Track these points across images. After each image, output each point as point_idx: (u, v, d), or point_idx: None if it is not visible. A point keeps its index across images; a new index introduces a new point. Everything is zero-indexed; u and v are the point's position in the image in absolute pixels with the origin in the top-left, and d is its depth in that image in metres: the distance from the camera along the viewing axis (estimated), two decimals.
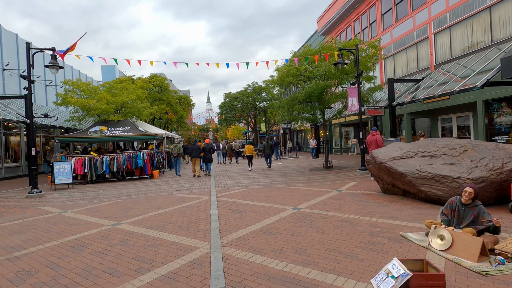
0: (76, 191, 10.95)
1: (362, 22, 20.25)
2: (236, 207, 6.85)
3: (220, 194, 8.57)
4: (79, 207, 7.94)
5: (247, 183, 10.72)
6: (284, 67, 12.92)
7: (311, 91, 11.89)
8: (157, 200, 8.18)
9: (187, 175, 14.62)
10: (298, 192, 8.50)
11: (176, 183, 11.82)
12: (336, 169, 13.52)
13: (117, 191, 10.43)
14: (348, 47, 12.08)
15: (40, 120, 13.84)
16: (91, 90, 15.51)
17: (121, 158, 13.52)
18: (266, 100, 36.65)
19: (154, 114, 22.89)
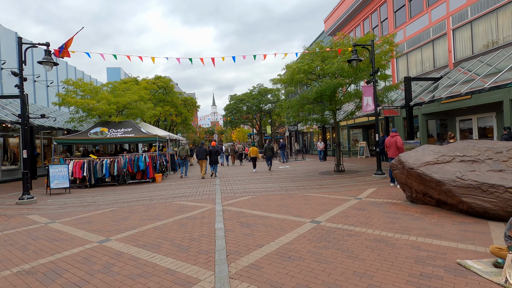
0: (72, 197, 10.19)
1: (372, 21, 19.31)
2: (244, 219, 5.97)
3: (226, 202, 7.71)
4: (70, 216, 7.16)
5: (255, 188, 9.85)
6: (294, 64, 12.04)
7: (323, 89, 10.99)
8: (155, 209, 7.35)
9: (192, 178, 13.82)
10: (313, 200, 7.59)
11: (179, 188, 11.00)
12: (349, 173, 12.56)
13: (115, 197, 9.65)
14: (362, 43, 11.16)
15: (36, 121, 13.18)
16: (92, 90, 14.83)
17: (122, 161, 12.76)
18: (272, 102, 35.82)
19: (158, 116, 22.21)
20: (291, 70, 11.77)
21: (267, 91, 35.24)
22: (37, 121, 13.55)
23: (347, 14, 21.25)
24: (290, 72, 11.95)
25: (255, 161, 16.02)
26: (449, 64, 13.05)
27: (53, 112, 17.18)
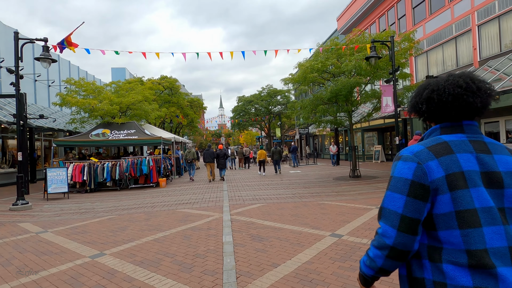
0: (70, 202, 9.63)
1: (388, 18, 18.53)
2: (256, 232, 5.26)
3: (234, 211, 7.00)
4: (64, 224, 6.54)
5: (266, 195, 9.13)
6: (307, 63, 11.34)
7: (338, 89, 10.26)
8: (157, 218, 6.69)
9: (199, 182, 13.18)
10: (330, 209, 6.84)
11: (184, 194, 10.35)
12: (366, 179, 11.75)
13: (115, 203, 9.04)
14: (381, 40, 10.41)
15: (35, 121, 12.74)
16: (94, 90, 14.36)
17: (124, 165, 12.19)
18: (281, 104, 35.10)
19: (164, 117, 21.71)
20: (304, 68, 11.07)
21: (277, 92, 34.51)
22: (36, 122, 13.09)
23: (361, 11, 20.50)
24: (302, 71, 11.25)
25: (263, 164, 15.84)
26: (474, 63, 12.18)
27: (55, 113, 16.77)
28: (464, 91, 1.01)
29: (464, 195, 0.93)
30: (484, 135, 1.05)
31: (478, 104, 1.01)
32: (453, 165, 0.95)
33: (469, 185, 0.93)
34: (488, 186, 0.95)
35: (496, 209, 0.93)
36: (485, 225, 0.91)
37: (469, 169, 0.95)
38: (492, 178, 0.96)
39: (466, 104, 1.01)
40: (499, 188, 0.95)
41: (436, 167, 0.96)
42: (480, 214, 0.92)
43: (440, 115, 1.06)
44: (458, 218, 0.93)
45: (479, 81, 1.04)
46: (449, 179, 0.94)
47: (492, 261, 0.88)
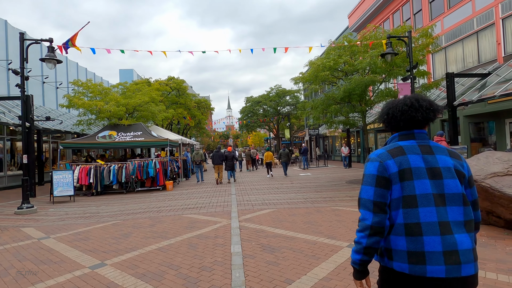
0: (75, 206, 9.43)
1: (403, 14, 17.92)
2: (266, 241, 4.88)
3: (243, 217, 6.64)
4: (68, 230, 6.30)
5: (276, 200, 8.74)
6: (318, 60, 10.91)
7: (352, 88, 9.79)
8: (163, 224, 6.38)
9: (206, 185, 12.88)
10: (345, 215, 6.41)
11: (190, 197, 10.05)
12: None
13: (120, 207, 8.79)
14: (397, 35, 9.91)
15: (41, 123, 12.65)
16: (101, 91, 14.23)
17: (130, 167, 11.98)
18: (290, 105, 34.62)
19: (171, 119, 21.54)
20: (315, 66, 10.65)
21: (286, 93, 34.04)
22: (43, 124, 12.99)
23: (374, 7, 19.93)
24: (313, 69, 10.83)
25: (270, 166, 15.82)
26: (498, 59, 11.52)
27: (63, 115, 16.75)
28: (409, 108, 1.36)
29: (409, 184, 1.26)
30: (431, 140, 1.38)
31: (419, 117, 1.34)
32: (404, 163, 1.29)
33: (414, 178, 1.26)
34: (431, 178, 1.28)
35: (433, 195, 1.25)
36: (420, 206, 1.24)
37: (416, 166, 1.28)
38: (434, 172, 1.28)
39: (410, 118, 1.35)
40: (440, 179, 1.28)
41: (392, 165, 1.30)
42: (418, 198, 1.24)
43: (396, 125, 1.41)
44: (403, 201, 1.27)
45: (423, 100, 1.37)
46: (401, 173, 1.28)
47: (422, 231, 1.21)
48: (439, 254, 1.21)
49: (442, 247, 1.21)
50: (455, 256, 1.21)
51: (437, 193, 1.27)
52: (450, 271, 1.20)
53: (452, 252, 1.21)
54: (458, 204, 1.28)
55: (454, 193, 1.28)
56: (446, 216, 1.25)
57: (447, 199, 1.28)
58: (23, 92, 8.40)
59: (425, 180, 1.27)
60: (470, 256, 1.24)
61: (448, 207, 1.27)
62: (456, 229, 1.25)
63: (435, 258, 1.20)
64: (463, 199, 1.30)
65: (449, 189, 1.28)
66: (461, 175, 1.34)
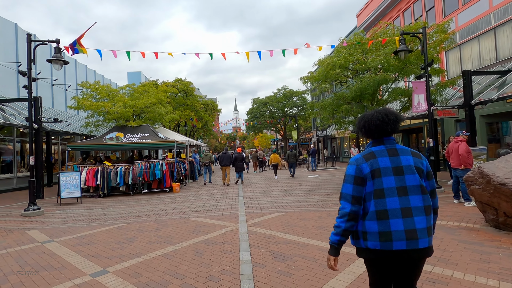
0: (82, 208, 9.33)
1: (414, 11, 17.44)
2: (277, 248, 4.60)
3: (251, 221, 6.38)
4: (72, 233, 6.14)
5: (285, 202, 8.45)
6: (328, 59, 10.59)
7: (364, 87, 9.45)
8: (168, 228, 6.16)
9: (213, 186, 12.66)
10: None
11: (197, 199, 9.84)
12: None
13: (126, 209, 8.63)
14: (411, 31, 9.54)
15: (50, 125, 12.65)
16: (109, 93, 14.20)
17: (137, 169, 11.86)
18: (298, 106, 34.27)
19: (178, 120, 21.46)
20: (325, 65, 10.34)
21: (293, 94, 33.71)
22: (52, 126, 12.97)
23: (384, 5, 19.49)
24: (323, 68, 10.52)
25: (277, 168, 15.93)
26: None
27: (71, 117, 16.79)
28: (381, 122, 1.76)
29: (379, 181, 1.68)
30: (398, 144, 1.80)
31: (389, 129, 1.77)
32: (375, 165, 1.71)
33: (382, 175, 1.68)
34: (396, 174, 1.69)
35: (396, 188, 1.67)
36: (387, 197, 1.66)
37: (383, 166, 1.70)
38: (398, 169, 1.70)
39: (382, 129, 1.77)
40: (402, 175, 1.69)
41: (366, 167, 1.71)
42: (385, 191, 1.66)
43: (370, 135, 1.83)
44: (374, 193, 1.68)
45: (391, 114, 1.78)
46: (372, 173, 1.70)
47: (388, 216, 1.63)
48: (401, 232, 1.62)
49: (403, 226, 1.61)
50: (414, 233, 1.62)
51: (400, 186, 1.67)
52: (410, 244, 1.62)
53: (411, 231, 1.62)
54: (417, 193, 1.68)
55: (413, 185, 1.68)
56: (408, 203, 1.65)
57: (408, 190, 1.67)
58: (30, 94, 8.34)
59: (391, 176, 1.68)
60: (425, 233, 1.65)
61: (410, 196, 1.66)
62: (416, 213, 1.64)
63: (398, 235, 1.61)
64: (421, 189, 1.69)
65: (409, 182, 1.68)
66: (420, 170, 1.74)
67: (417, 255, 1.65)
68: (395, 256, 1.65)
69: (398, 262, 1.70)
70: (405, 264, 1.71)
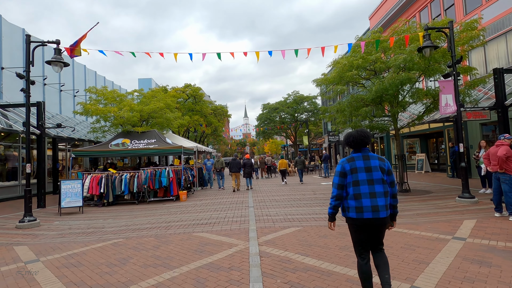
0: (82, 218, 8.76)
1: (432, 10, 16.51)
2: (296, 277, 3.81)
3: (263, 238, 5.59)
4: (63, 250, 5.51)
5: (300, 214, 7.63)
6: (344, 59, 9.81)
7: (385, 88, 8.61)
8: (168, 245, 5.45)
9: (222, 194, 11.95)
10: (389, 238, 5.22)
11: (204, 210, 9.13)
12: (417, 195, 9.86)
13: (128, 221, 8.00)
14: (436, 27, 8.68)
15: (53, 131, 12.27)
16: (116, 98, 13.79)
17: (142, 176, 11.28)
18: (308, 111, 33.41)
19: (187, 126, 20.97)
20: (340, 66, 9.56)
21: (303, 99, 32.90)
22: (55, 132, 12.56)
23: (399, 6, 18.63)
24: (339, 69, 9.74)
25: (285, 174, 16.25)
26: None
27: (80, 123, 16.50)
28: (362, 139, 2.72)
29: (355, 175, 2.64)
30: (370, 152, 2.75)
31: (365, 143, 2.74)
32: (353, 165, 2.66)
33: (358, 172, 2.64)
34: (367, 172, 2.64)
35: (367, 180, 2.63)
36: (361, 185, 2.62)
37: (359, 166, 2.64)
38: (368, 168, 2.63)
39: (362, 143, 2.73)
40: (371, 172, 2.63)
41: (347, 166, 2.67)
42: (359, 182, 2.62)
43: (354, 146, 2.77)
44: (352, 183, 2.65)
45: (365, 133, 2.76)
46: (351, 170, 2.66)
47: (361, 197, 2.61)
48: (369, 207, 2.62)
49: (370, 203, 2.63)
50: (376, 208, 2.62)
51: (369, 179, 2.68)
52: (374, 214, 2.62)
53: (375, 206, 2.62)
54: (380, 183, 2.68)
55: (377, 178, 2.68)
56: (374, 189, 2.66)
57: (374, 181, 2.68)
58: (28, 97, 7.88)
59: (363, 173, 2.69)
60: (384, 208, 2.65)
61: (375, 185, 2.67)
62: (379, 195, 2.66)
63: (367, 209, 2.62)
64: (382, 181, 2.69)
65: (375, 176, 2.68)
66: (383, 169, 2.72)
67: (379, 222, 2.66)
68: (365, 222, 2.66)
69: (367, 225, 2.68)
70: (371, 227, 2.69)
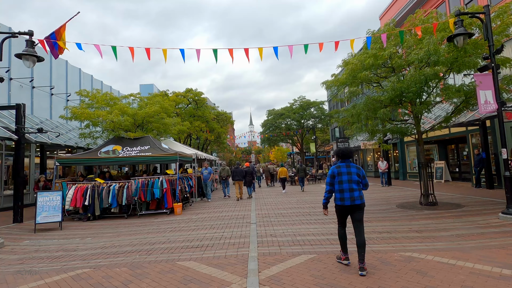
0: (58, 236, 7.58)
1: (450, 4, 15.30)
2: None
3: (266, 273, 4.29)
4: (9, 286, 4.31)
5: (311, 234, 6.33)
6: (356, 57, 8.60)
7: (407, 85, 7.35)
8: (142, 281, 4.19)
9: (222, 206, 10.67)
10: (435, 274, 3.91)
11: (199, 226, 7.88)
12: (447, 209, 8.48)
13: (107, 241, 6.79)
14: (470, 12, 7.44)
15: (34, 136, 11.21)
16: (108, 101, 12.76)
17: (133, 187, 10.12)
18: (315, 117, 32.15)
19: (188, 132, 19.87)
20: (352, 66, 8.35)
21: (310, 104, 31.69)
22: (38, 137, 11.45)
23: (413, 3, 17.47)
24: (350, 69, 8.53)
25: (285, 182, 16.36)
26: None
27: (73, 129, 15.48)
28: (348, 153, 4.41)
29: (340, 177, 4.24)
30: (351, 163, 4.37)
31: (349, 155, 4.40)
32: (339, 170, 4.29)
33: (342, 174, 4.23)
34: (348, 174, 4.23)
35: (348, 180, 4.20)
36: (344, 183, 4.21)
37: (343, 171, 4.26)
38: (349, 172, 4.24)
39: (346, 156, 4.38)
40: (350, 175, 4.22)
41: (336, 170, 4.30)
42: (343, 181, 4.21)
43: (341, 157, 4.39)
44: (337, 181, 4.25)
45: (350, 149, 4.49)
46: (338, 173, 4.27)
47: (343, 191, 4.20)
48: (348, 198, 4.12)
49: (349, 195, 4.12)
50: (354, 199, 4.11)
51: (349, 179, 4.16)
52: (352, 202, 4.12)
53: (352, 197, 4.11)
54: (356, 183, 4.17)
55: (355, 180, 4.16)
56: (352, 186, 4.14)
57: (352, 181, 4.15)
58: None
59: (345, 175, 4.18)
60: (359, 198, 4.13)
61: (353, 184, 4.15)
62: (355, 190, 4.14)
63: (347, 199, 4.12)
64: (358, 182, 4.18)
65: (353, 178, 4.17)
66: (359, 174, 4.21)
67: (356, 207, 4.14)
68: (347, 207, 4.17)
69: (347, 210, 4.19)
70: (351, 211, 4.18)
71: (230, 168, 16.57)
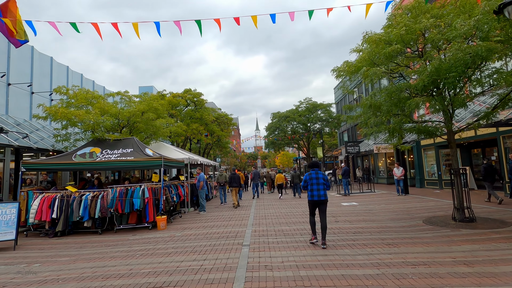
0: (2, 260, 6.10)
1: None
2: None
3: None
4: None
5: (321, 267, 4.70)
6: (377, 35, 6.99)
7: (448, 67, 5.73)
8: None
9: (214, 219, 9.11)
10: None
11: (178, 249, 6.31)
12: (489, 226, 6.76)
13: (55, 269, 5.27)
14: None
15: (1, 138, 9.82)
16: (90, 99, 11.39)
17: (109, 197, 8.63)
18: (323, 120, 30.47)
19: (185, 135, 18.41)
20: (375, 43, 6.74)
21: (317, 106, 30.03)
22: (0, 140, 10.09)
23: None
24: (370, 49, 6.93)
25: (281, 188, 16.66)
26: None
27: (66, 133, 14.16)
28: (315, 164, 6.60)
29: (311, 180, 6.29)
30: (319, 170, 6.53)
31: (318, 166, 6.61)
32: (311, 175, 6.34)
33: (313, 179, 6.28)
34: (316, 179, 6.29)
35: (316, 183, 6.24)
36: (313, 185, 6.24)
37: (313, 176, 6.31)
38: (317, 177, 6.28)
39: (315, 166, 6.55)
40: (318, 179, 6.27)
41: (308, 176, 6.37)
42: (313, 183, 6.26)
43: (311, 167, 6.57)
44: (310, 184, 6.29)
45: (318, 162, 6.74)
46: (310, 178, 6.33)
47: (313, 190, 6.22)
48: (316, 195, 6.14)
49: (317, 193, 6.14)
50: (320, 196, 6.13)
51: (317, 182, 6.20)
52: (319, 198, 6.13)
53: (319, 194, 6.13)
54: (322, 184, 6.20)
55: (321, 182, 6.20)
56: (319, 187, 6.16)
57: (319, 183, 6.19)
58: None
59: (314, 179, 6.22)
60: (323, 195, 6.15)
61: (319, 185, 6.18)
62: (321, 189, 6.16)
63: (316, 196, 6.14)
64: (323, 184, 6.21)
65: (319, 181, 6.20)
66: (324, 178, 6.26)
67: (321, 201, 6.09)
68: (315, 201, 6.12)
69: (316, 203, 6.12)
70: (318, 204, 6.10)
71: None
